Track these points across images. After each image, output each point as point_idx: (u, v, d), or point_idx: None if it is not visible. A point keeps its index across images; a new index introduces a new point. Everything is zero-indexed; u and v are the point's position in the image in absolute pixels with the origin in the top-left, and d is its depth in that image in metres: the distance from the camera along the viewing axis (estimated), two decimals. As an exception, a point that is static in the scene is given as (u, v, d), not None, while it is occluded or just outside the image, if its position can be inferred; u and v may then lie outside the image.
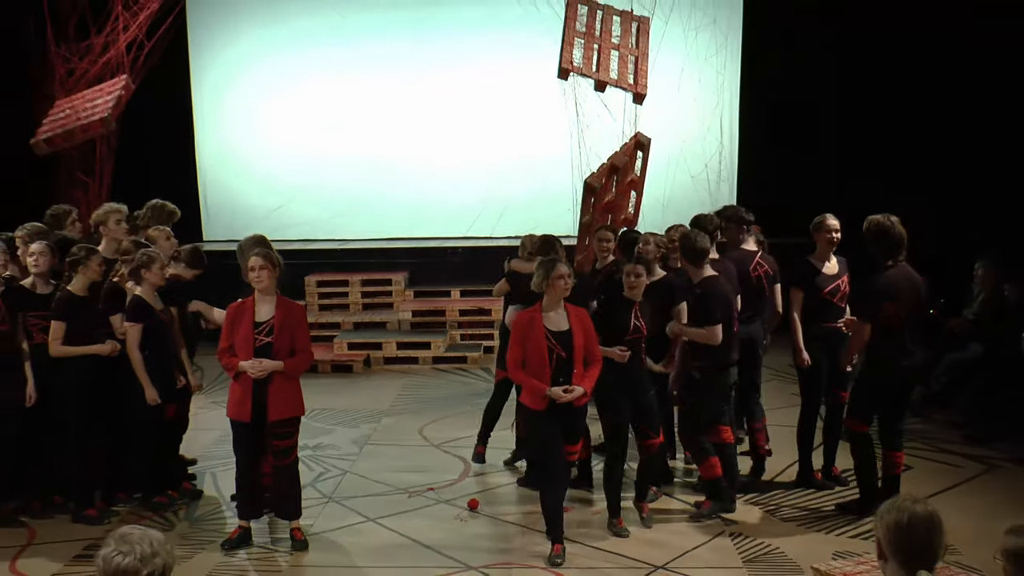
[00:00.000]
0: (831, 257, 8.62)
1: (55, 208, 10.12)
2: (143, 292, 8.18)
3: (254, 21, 16.56)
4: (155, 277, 8.18)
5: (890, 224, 7.74)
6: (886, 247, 7.77)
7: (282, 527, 7.97)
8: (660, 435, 8.00)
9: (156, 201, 9.75)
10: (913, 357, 7.84)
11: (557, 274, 7.41)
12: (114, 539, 3.60)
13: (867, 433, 8.06)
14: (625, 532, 7.83)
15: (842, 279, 8.57)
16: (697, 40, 15.78)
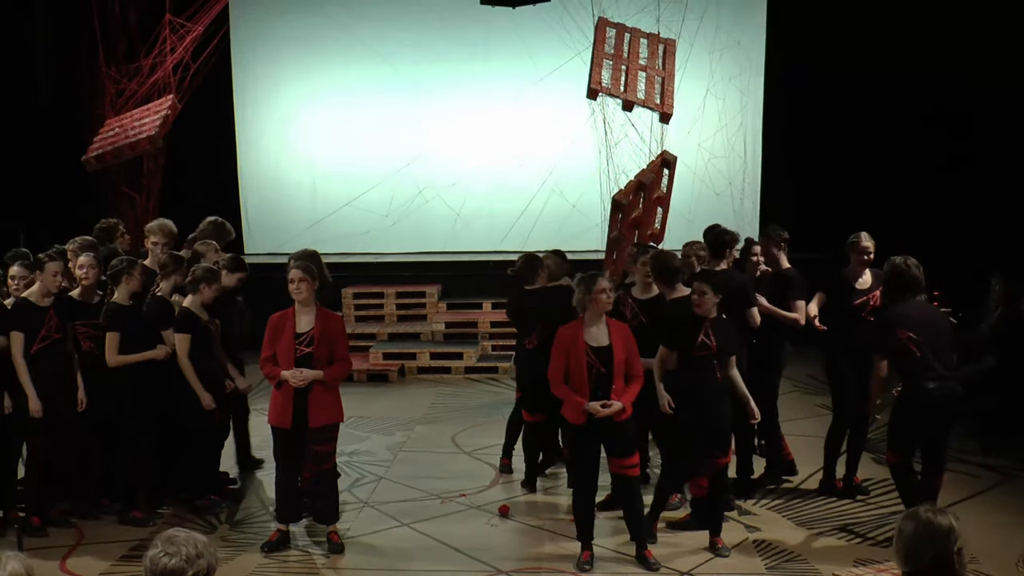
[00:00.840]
0: (864, 273, 8.68)
1: (104, 222, 10.39)
2: (190, 303, 8.44)
3: (294, 42, 16.87)
4: (211, 292, 8.48)
5: (906, 267, 7.69)
6: (898, 288, 7.74)
7: (320, 531, 8.07)
8: (728, 454, 7.90)
9: (217, 218, 10.07)
10: (945, 384, 7.59)
11: (598, 288, 7.40)
12: (161, 541, 3.67)
13: (902, 463, 7.82)
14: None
15: (873, 294, 8.58)
16: (721, 61, 15.96)
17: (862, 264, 8.68)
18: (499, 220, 16.29)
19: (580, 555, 7.60)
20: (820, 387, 12.11)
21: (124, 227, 10.47)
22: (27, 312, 8.12)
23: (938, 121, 14.32)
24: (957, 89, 13.93)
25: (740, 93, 16.19)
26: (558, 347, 7.52)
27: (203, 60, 14.49)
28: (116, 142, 13.13)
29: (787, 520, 8.45)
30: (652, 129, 12.37)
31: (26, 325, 8.08)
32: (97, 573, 7.57)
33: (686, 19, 13.92)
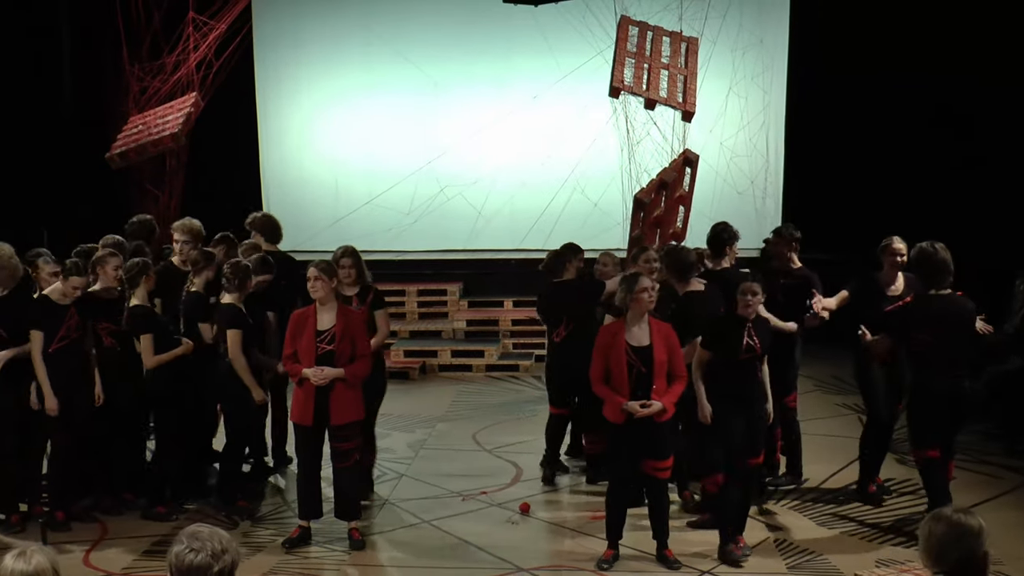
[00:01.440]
0: (897, 278, 8.56)
1: (140, 217, 10.37)
2: (234, 300, 8.44)
3: (317, 40, 16.92)
4: (249, 287, 8.54)
5: (933, 251, 7.58)
6: (928, 273, 7.64)
7: (341, 527, 8.09)
8: (761, 455, 7.87)
9: (268, 214, 10.08)
10: (960, 383, 7.61)
11: (640, 288, 7.37)
12: (185, 536, 3.66)
13: (934, 460, 7.71)
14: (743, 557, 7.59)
15: (905, 300, 8.29)
16: (744, 60, 15.87)
17: (895, 267, 8.56)
18: (521, 218, 16.29)
19: (603, 553, 7.61)
20: (843, 387, 12.10)
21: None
22: (48, 311, 8.16)
23: (964, 120, 14.24)
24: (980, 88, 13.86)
25: (763, 92, 16.15)
26: (599, 346, 7.51)
27: (226, 58, 14.59)
28: (140, 139, 13.25)
29: (808, 520, 8.43)
30: (674, 127, 12.39)
31: (46, 324, 8.11)
32: (120, 568, 7.62)
33: (708, 17, 13.92)
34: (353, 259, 8.64)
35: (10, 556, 3.80)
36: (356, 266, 8.64)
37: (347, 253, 8.64)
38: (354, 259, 8.65)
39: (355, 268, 8.62)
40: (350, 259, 8.60)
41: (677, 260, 8.38)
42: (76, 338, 8.26)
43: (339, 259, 8.54)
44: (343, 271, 8.43)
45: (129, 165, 13.82)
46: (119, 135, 13.75)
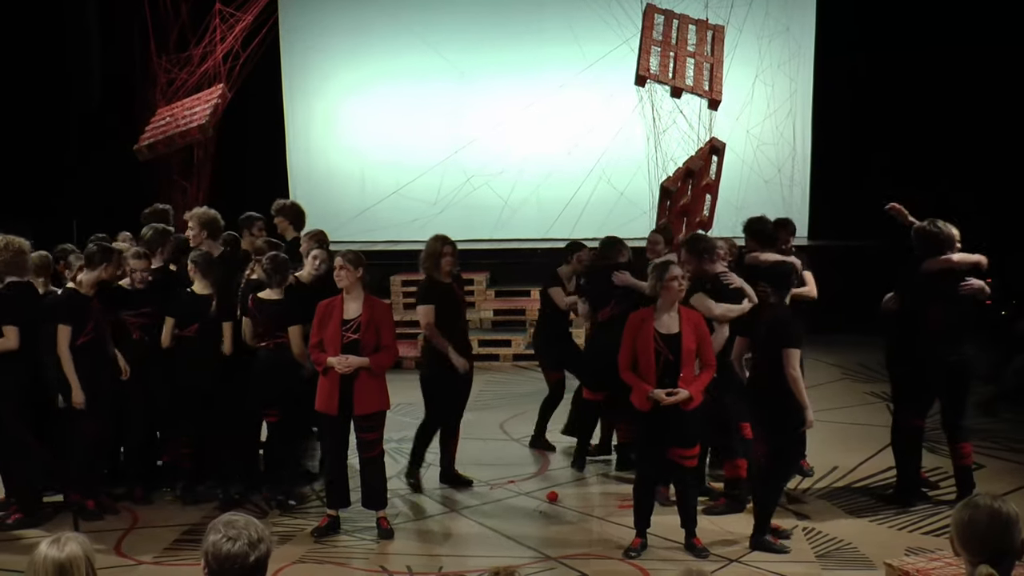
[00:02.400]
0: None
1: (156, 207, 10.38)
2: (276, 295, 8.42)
3: (342, 30, 16.98)
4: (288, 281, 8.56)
5: (936, 230, 7.99)
6: (931, 249, 8.02)
7: (369, 516, 8.12)
8: None
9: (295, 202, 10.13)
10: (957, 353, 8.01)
11: (670, 276, 7.35)
12: (221, 525, 3.67)
13: (918, 428, 8.30)
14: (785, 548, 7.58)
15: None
16: (770, 47, 15.82)
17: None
18: (547, 208, 16.30)
19: (631, 542, 7.60)
20: (871, 375, 12.04)
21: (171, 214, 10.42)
22: (75, 303, 8.22)
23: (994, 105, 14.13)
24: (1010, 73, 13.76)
25: (789, 79, 16.08)
26: (627, 333, 7.50)
27: (252, 49, 14.63)
28: (167, 131, 13.34)
29: (838, 508, 8.41)
30: (700, 116, 12.38)
31: (74, 317, 8.16)
32: (151, 556, 7.66)
33: (735, 5, 13.88)
34: (454, 246, 8.88)
35: (45, 543, 3.92)
36: (455, 253, 8.89)
37: (447, 242, 8.85)
38: (455, 246, 8.89)
39: (455, 256, 8.89)
40: (452, 247, 8.85)
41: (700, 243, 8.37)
42: (102, 330, 8.33)
43: (442, 248, 8.78)
44: (447, 258, 8.75)
45: (157, 157, 13.90)
46: (147, 127, 13.84)
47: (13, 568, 7.34)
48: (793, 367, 7.36)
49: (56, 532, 4.01)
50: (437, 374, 8.82)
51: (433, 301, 8.75)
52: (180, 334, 8.56)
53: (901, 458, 8.47)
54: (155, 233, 8.96)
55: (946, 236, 8.03)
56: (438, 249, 8.75)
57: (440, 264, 8.75)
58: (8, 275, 8.19)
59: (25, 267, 8.29)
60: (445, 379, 8.80)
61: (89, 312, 8.21)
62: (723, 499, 8.33)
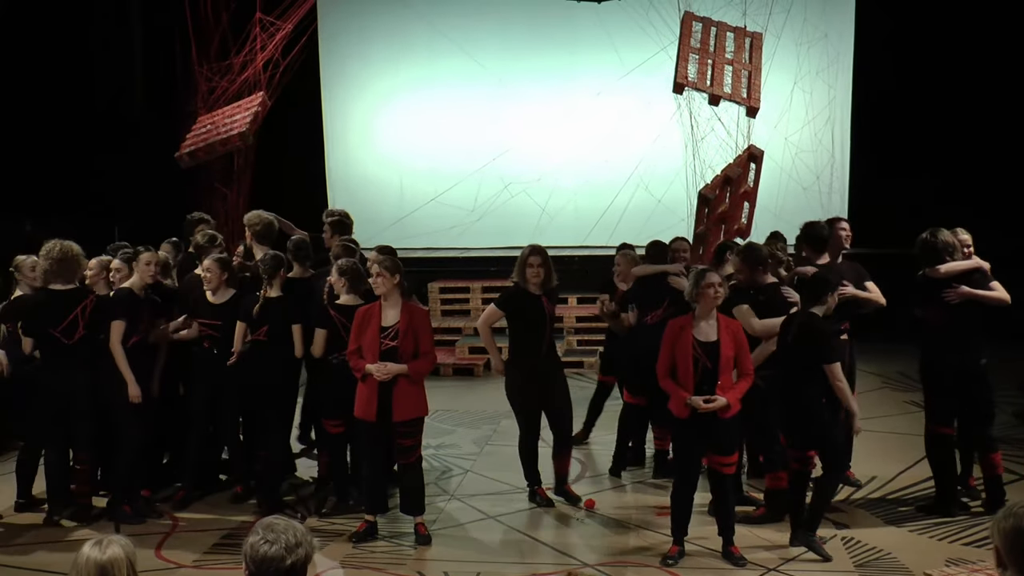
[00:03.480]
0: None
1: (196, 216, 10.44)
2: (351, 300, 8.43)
3: (381, 38, 17.09)
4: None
5: (933, 240, 8.14)
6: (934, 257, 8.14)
7: (407, 522, 8.17)
8: None
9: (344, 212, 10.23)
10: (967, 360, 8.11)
11: (706, 283, 7.37)
12: (261, 528, 3.71)
13: (944, 436, 8.30)
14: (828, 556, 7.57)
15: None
16: (809, 54, 15.79)
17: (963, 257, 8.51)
18: (584, 215, 16.32)
19: (668, 549, 7.60)
20: (910, 384, 11.96)
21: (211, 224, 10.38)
22: (131, 302, 8.33)
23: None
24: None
25: (828, 86, 16.03)
26: (666, 340, 7.52)
27: (292, 58, 14.73)
28: (208, 139, 13.42)
29: (877, 517, 8.36)
30: (739, 123, 12.32)
31: (129, 315, 8.27)
32: (191, 560, 7.72)
33: (773, 12, 13.81)
34: (543, 257, 8.47)
35: (88, 544, 4.00)
36: (545, 265, 8.45)
37: (535, 251, 8.50)
38: (543, 257, 8.47)
39: (544, 267, 8.43)
40: (539, 257, 8.45)
41: (754, 253, 8.36)
42: (149, 331, 8.47)
43: (528, 258, 8.43)
44: (531, 269, 8.39)
45: (198, 164, 13.99)
46: (188, 134, 13.94)
47: (57, 570, 7.44)
48: (839, 379, 7.42)
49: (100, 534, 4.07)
50: (509, 383, 8.71)
51: (505, 306, 8.56)
52: (252, 337, 8.60)
53: (936, 467, 8.44)
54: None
55: (943, 245, 8.13)
56: (524, 257, 8.45)
57: (525, 273, 8.44)
58: (56, 281, 8.30)
59: (74, 272, 8.37)
60: (514, 387, 8.66)
61: (143, 313, 8.34)
62: (763, 508, 8.31)
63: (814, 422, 7.55)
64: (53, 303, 8.28)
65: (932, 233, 8.18)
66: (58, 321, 8.22)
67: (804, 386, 7.52)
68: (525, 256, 8.45)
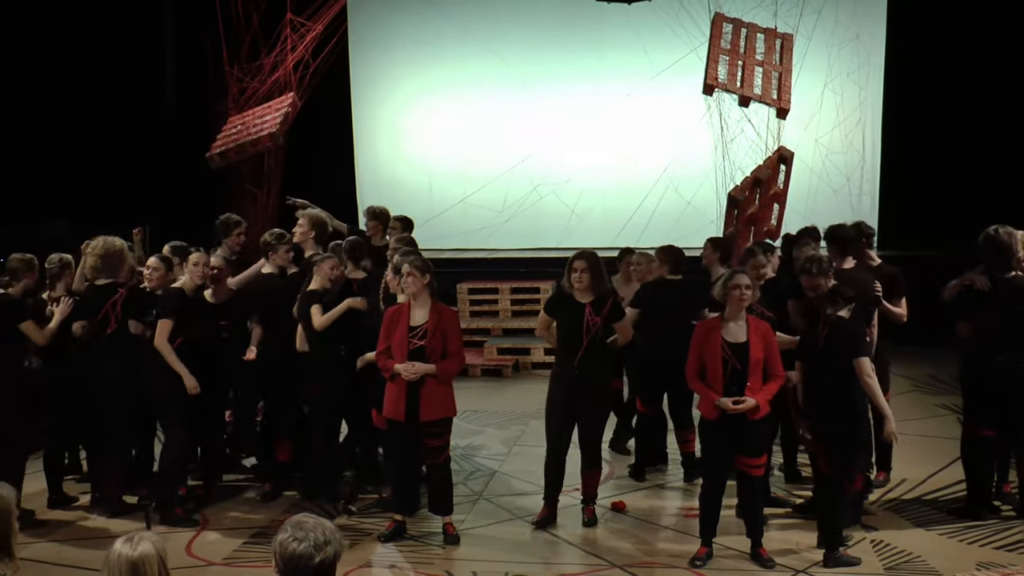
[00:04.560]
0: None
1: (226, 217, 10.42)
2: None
3: (410, 40, 17.15)
4: None
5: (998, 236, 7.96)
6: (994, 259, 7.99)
7: (435, 522, 8.17)
8: None
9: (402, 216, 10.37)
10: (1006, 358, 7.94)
11: (733, 284, 7.37)
12: (290, 526, 3.76)
13: (983, 438, 8.15)
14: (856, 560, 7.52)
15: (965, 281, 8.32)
16: (840, 56, 15.74)
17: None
18: (613, 217, 16.29)
19: (696, 551, 7.58)
20: (940, 387, 11.91)
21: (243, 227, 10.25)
22: (180, 302, 8.38)
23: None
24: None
25: (859, 88, 15.97)
26: (695, 341, 7.51)
27: (322, 58, 14.78)
28: (239, 139, 13.49)
29: (907, 520, 8.31)
30: (769, 125, 12.32)
31: (178, 314, 8.32)
32: (221, 558, 7.76)
33: (803, 13, 13.79)
34: (588, 262, 8.07)
35: (119, 541, 4.03)
36: (590, 271, 8.03)
37: (581, 256, 8.15)
38: (589, 263, 8.07)
39: (588, 273, 8.03)
40: (584, 262, 8.07)
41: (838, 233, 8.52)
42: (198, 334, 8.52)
43: (572, 263, 8.09)
44: (575, 275, 8.03)
45: (228, 164, 14.07)
46: (219, 135, 14.01)
47: (89, 566, 7.50)
48: (868, 374, 7.38)
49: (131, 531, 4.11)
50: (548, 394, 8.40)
51: (551, 310, 8.39)
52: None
53: (970, 470, 8.37)
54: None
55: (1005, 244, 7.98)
56: (569, 262, 8.12)
57: (570, 278, 8.07)
58: (102, 276, 8.40)
59: (120, 268, 8.47)
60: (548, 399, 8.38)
61: (192, 314, 8.40)
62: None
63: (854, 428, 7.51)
64: (92, 298, 8.42)
65: (996, 229, 8.01)
66: (93, 315, 8.34)
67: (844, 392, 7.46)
68: (571, 261, 8.15)
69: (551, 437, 8.30)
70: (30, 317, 8.34)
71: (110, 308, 8.35)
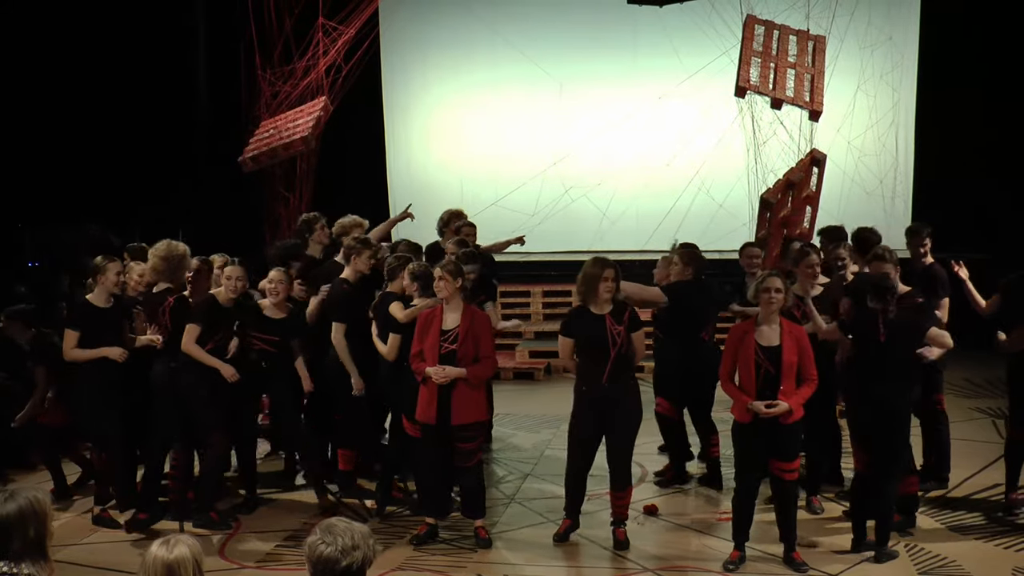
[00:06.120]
0: None
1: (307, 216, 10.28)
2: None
3: (442, 43, 17.18)
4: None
5: None
6: None
7: (467, 525, 8.18)
8: None
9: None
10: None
11: (765, 287, 7.37)
12: (320, 529, 3.83)
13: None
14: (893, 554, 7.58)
15: None
16: (873, 57, 15.61)
17: None
18: (645, 219, 16.24)
19: (730, 554, 7.57)
20: (976, 390, 11.82)
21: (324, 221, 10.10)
22: (210, 310, 8.34)
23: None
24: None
25: (892, 90, 15.87)
26: (729, 345, 7.51)
27: (354, 62, 14.81)
28: (271, 143, 13.55)
29: (941, 524, 8.27)
30: (801, 127, 12.26)
31: (206, 322, 8.29)
32: (254, 561, 7.80)
33: (836, 15, 13.70)
34: (616, 271, 7.82)
35: (156, 544, 4.09)
36: (617, 280, 7.81)
37: (607, 264, 7.81)
38: (617, 271, 7.83)
39: (617, 282, 7.81)
40: (613, 270, 7.78)
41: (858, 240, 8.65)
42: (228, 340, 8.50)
43: (603, 272, 7.73)
44: (605, 284, 7.70)
45: (261, 168, 14.13)
46: (251, 139, 14.08)
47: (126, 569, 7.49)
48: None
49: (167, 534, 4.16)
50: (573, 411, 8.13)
51: (571, 331, 7.93)
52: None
53: (1012, 473, 8.33)
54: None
55: None
56: (597, 273, 7.74)
57: (599, 290, 7.78)
58: (162, 279, 8.51)
59: (174, 272, 8.51)
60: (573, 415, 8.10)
61: (221, 321, 8.38)
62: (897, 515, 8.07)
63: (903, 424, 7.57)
64: (147, 304, 8.57)
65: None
66: (152, 322, 8.49)
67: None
68: (598, 271, 7.73)
69: (577, 455, 8.04)
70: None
71: (160, 315, 8.44)
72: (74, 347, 8.20)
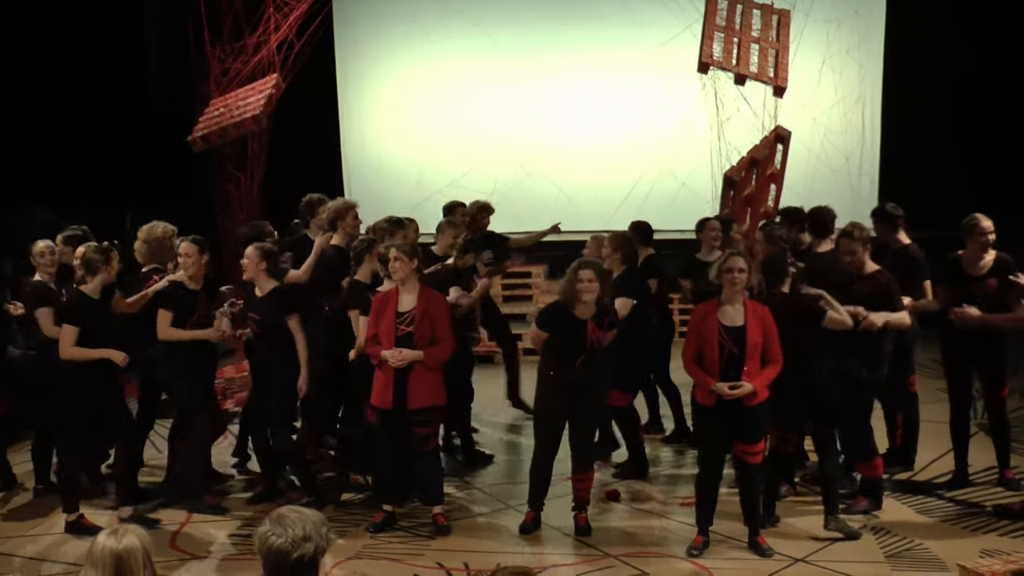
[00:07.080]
0: (983, 257, 8.25)
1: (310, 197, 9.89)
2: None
3: (396, 18, 16.88)
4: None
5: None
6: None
7: (425, 512, 8.10)
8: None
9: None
10: None
11: (727, 267, 7.26)
12: (271, 520, 3.74)
13: None
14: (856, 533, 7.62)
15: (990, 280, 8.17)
16: (839, 32, 15.48)
17: (982, 247, 8.25)
18: (607, 198, 16.06)
19: (693, 540, 7.51)
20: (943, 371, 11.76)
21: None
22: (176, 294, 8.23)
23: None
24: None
25: (858, 65, 15.77)
26: (692, 325, 7.44)
27: (306, 39, 14.61)
28: (221, 122, 13.32)
29: (907, 507, 8.23)
30: (765, 104, 12.20)
31: (177, 306, 8.20)
32: (206, 550, 7.71)
33: (802, -12, 13.62)
34: (596, 272, 7.60)
35: (103, 534, 4.12)
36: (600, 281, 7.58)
37: (588, 265, 7.65)
38: (598, 273, 7.62)
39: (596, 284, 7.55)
40: (591, 271, 7.58)
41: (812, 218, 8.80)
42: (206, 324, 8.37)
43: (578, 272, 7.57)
44: (582, 284, 7.51)
45: (211, 147, 13.90)
46: (201, 117, 13.84)
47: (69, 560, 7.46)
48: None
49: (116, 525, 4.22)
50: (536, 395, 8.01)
51: (546, 326, 7.75)
52: None
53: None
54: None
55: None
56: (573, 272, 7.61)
57: (578, 292, 7.55)
58: (153, 262, 8.50)
59: (169, 254, 8.51)
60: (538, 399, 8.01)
61: (195, 305, 8.27)
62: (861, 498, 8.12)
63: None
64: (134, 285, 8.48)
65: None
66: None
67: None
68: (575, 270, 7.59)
69: (544, 440, 7.92)
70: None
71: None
72: (73, 344, 7.86)
